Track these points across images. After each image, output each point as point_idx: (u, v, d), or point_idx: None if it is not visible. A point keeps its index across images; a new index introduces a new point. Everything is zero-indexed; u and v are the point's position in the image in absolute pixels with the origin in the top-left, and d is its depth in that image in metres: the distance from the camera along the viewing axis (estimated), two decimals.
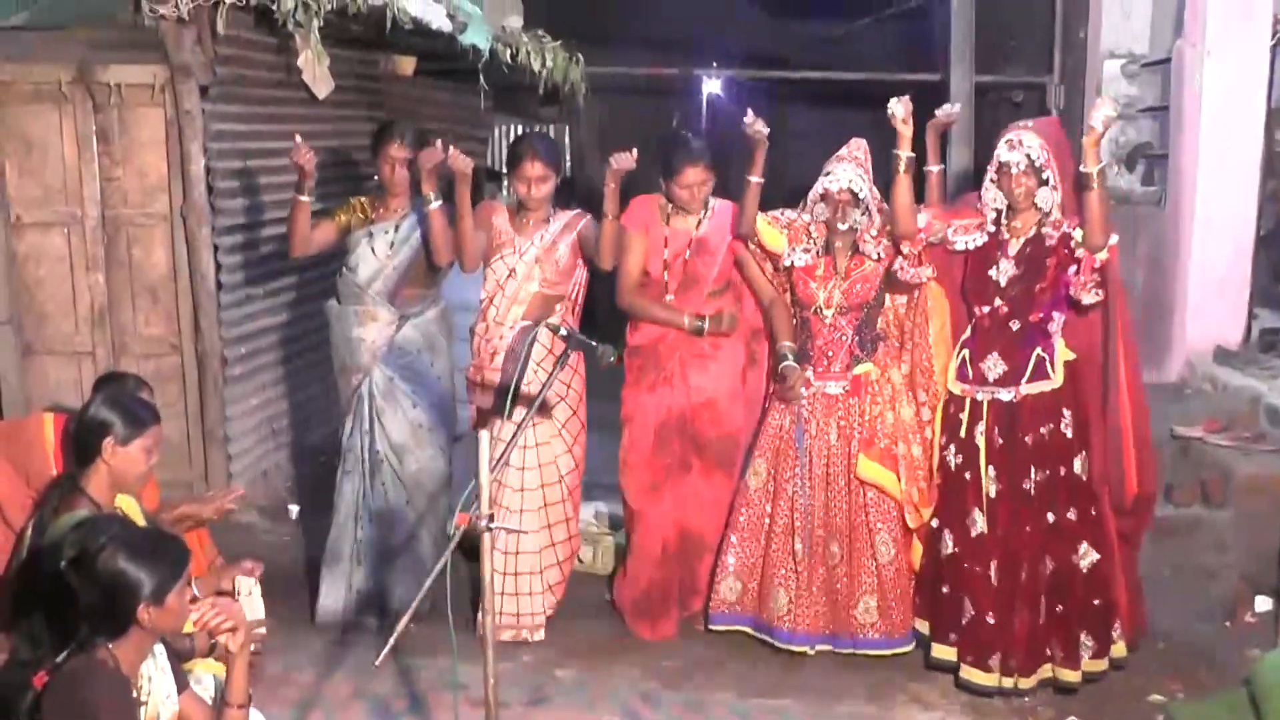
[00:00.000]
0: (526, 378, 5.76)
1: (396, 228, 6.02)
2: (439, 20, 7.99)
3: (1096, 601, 5.43)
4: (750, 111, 5.62)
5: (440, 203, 5.77)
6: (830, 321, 5.73)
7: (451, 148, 5.66)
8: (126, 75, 6.82)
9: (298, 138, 5.75)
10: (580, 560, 6.57)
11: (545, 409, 5.88)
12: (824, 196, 5.63)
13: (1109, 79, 9.59)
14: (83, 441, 4.24)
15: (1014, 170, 5.27)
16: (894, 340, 5.85)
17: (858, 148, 5.71)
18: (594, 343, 4.58)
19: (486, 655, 3.87)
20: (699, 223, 6.00)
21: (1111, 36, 9.57)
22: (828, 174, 5.62)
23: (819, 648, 5.77)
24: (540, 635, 6.02)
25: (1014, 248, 5.39)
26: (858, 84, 13.10)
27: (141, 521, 4.41)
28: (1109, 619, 5.47)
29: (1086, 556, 5.41)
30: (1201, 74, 7.77)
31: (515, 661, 5.69)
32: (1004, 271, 5.38)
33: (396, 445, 6.04)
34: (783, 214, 5.88)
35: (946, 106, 5.61)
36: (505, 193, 6.29)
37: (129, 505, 4.41)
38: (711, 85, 16.25)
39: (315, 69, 7.37)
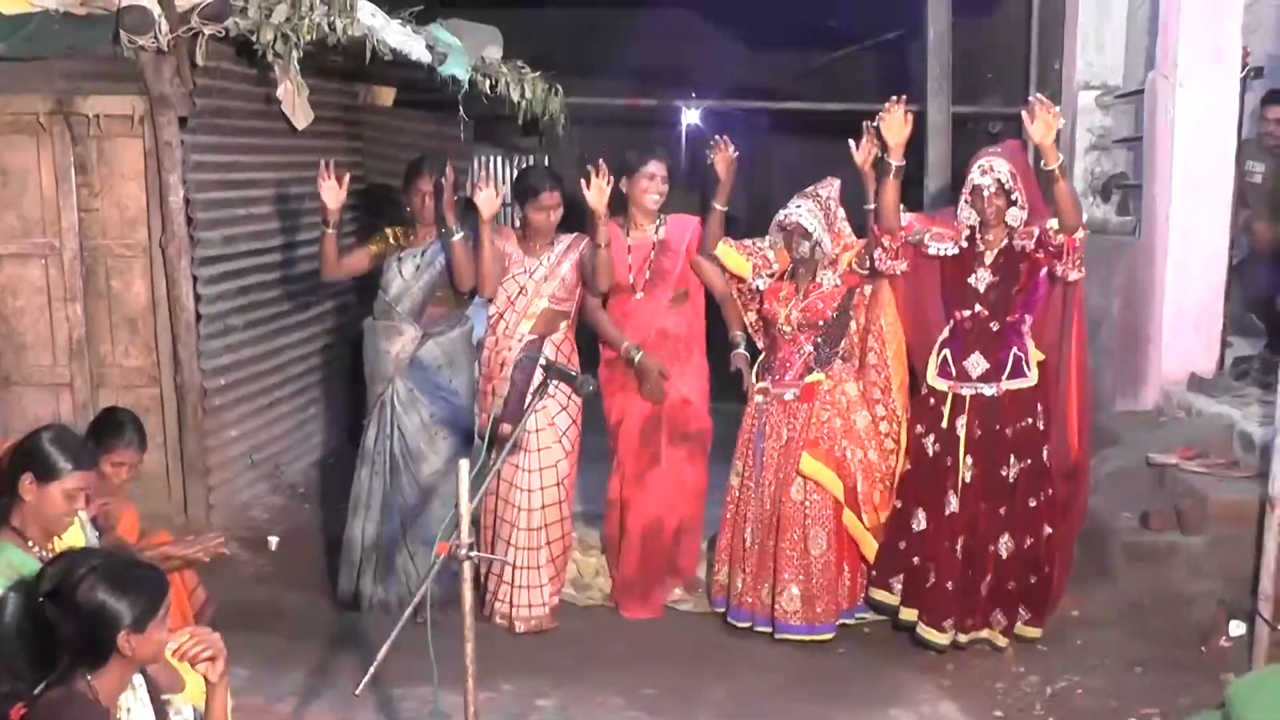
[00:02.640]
0: (533, 385, 6.26)
1: (423, 253, 6.55)
2: (419, 51, 8.02)
3: (1034, 578, 6.13)
4: (718, 137, 6.50)
5: (461, 234, 6.36)
6: (790, 336, 6.37)
7: (482, 188, 6.23)
8: (105, 106, 6.83)
9: (322, 165, 6.26)
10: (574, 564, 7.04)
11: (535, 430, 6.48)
12: (780, 226, 6.30)
13: (1083, 110, 9.67)
14: (7, 473, 4.16)
15: (986, 192, 5.90)
16: (854, 360, 6.48)
17: (825, 185, 6.39)
18: (574, 373, 4.64)
19: (467, 686, 3.87)
20: (656, 229, 6.66)
21: (1086, 68, 9.65)
22: (786, 207, 6.29)
23: (759, 628, 6.42)
24: (553, 623, 6.61)
25: (989, 258, 6.01)
26: (837, 114, 13.17)
27: (81, 541, 4.39)
28: (1047, 591, 6.20)
29: (1044, 532, 6.11)
30: (1174, 105, 7.82)
31: (496, 691, 5.67)
32: (982, 279, 6.01)
33: (413, 450, 6.55)
34: (753, 242, 6.55)
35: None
36: (514, 220, 6.75)
37: (74, 534, 4.39)
38: (691, 115, 16.29)
39: (295, 100, 7.38)
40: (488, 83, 9.18)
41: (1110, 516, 6.78)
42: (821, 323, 6.31)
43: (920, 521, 6.16)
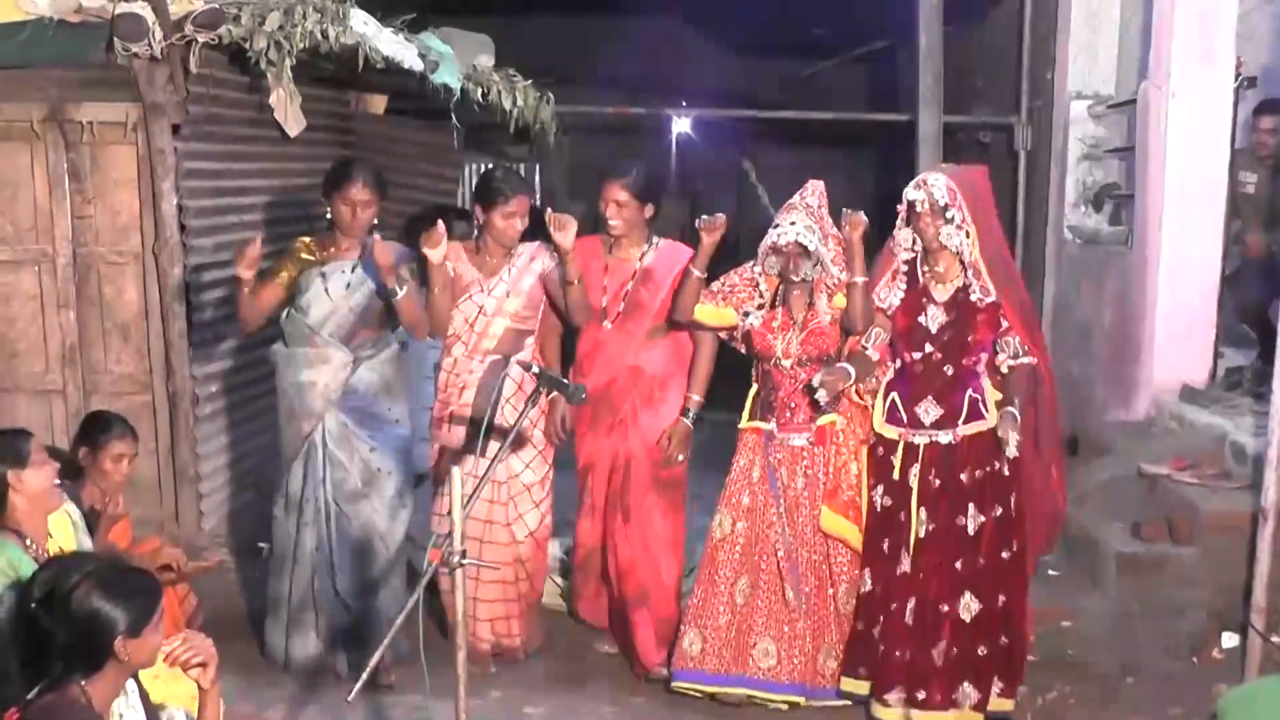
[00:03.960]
0: (499, 413, 5.73)
1: (353, 268, 5.77)
2: (410, 60, 8.02)
3: (1007, 641, 5.54)
4: (706, 218, 5.65)
5: (406, 289, 5.62)
6: (790, 372, 5.67)
7: (432, 243, 5.56)
8: (99, 113, 6.83)
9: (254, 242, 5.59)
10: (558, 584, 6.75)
11: (521, 441, 5.89)
12: (774, 249, 5.60)
13: (1075, 120, 9.67)
14: None
15: (919, 209, 5.43)
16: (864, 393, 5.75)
17: (811, 193, 5.72)
18: (565, 380, 4.59)
19: (459, 693, 3.87)
20: (643, 255, 6.03)
21: (1078, 78, 9.66)
22: (777, 226, 5.58)
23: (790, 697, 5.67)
24: (520, 656, 6.19)
25: (941, 294, 5.54)
26: (827, 123, 13.18)
27: (73, 542, 4.44)
28: (1020, 657, 5.63)
29: (1006, 594, 5.53)
30: (1166, 115, 7.83)
31: (485, 698, 5.68)
32: (934, 318, 5.53)
33: (351, 493, 5.81)
34: (732, 277, 5.83)
35: (854, 215, 5.55)
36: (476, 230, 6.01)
37: (61, 528, 4.42)
38: (681, 124, 16.31)
39: (287, 108, 7.38)
40: (479, 91, 9.18)
41: (1101, 527, 6.79)
42: (825, 356, 5.64)
43: (867, 583, 5.62)
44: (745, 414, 5.82)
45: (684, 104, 15.03)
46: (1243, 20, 7.94)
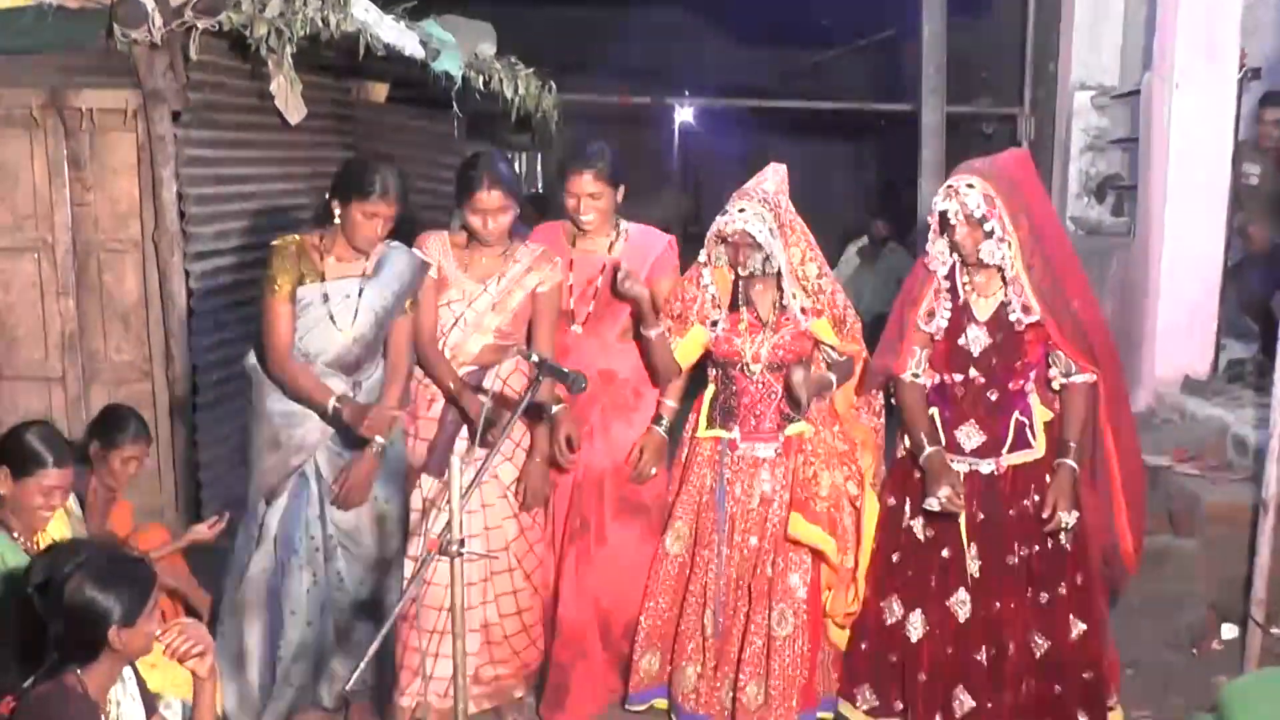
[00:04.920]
0: (464, 433, 5.19)
1: (360, 291, 4.97)
2: (412, 47, 8.00)
3: (1087, 675, 5.01)
4: (623, 268, 5.04)
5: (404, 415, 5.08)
6: (759, 377, 5.06)
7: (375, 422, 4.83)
8: (98, 100, 6.80)
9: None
10: None
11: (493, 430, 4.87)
12: (720, 238, 4.99)
13: (1079, 110, 9.69)
14: None
15: (951, 220, 4.69)
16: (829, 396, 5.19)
17: (771, 176, 5.10)
18: (565, 369, 4.49)
19: (458, 684, 3.85)
20: (610, 245, 5.34)
21: (1081, 69, 9.67)
22: (725, 212, 4.95)
23: None
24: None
25: (983, 311, 4.84)
26: (831, 113, 13.18)
27: (67, 532, 4.42)
28: (1103, 690, 5.09)
29: (1075, 628, 4.96)
30: (1170, 106, 7.82)
31: None
32: (975, 340, 4.84)
33: (351, 528, 5.13)
34: (679, 297, 5.20)
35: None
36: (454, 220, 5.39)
37: (55, 519, 4.41)
38: (684, 113, 16.30)
39: (288, 95, 7.35)
40: (481, 79, 9.16)
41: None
42: (799, 360, 5.04)
43: (916, 627, 5.01)
44: (702, 420, 5.22)
45: (687, 93, 15.03)
46: (1247, 11, 7.93)
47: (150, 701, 3.74)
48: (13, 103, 6.82)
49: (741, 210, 4.88)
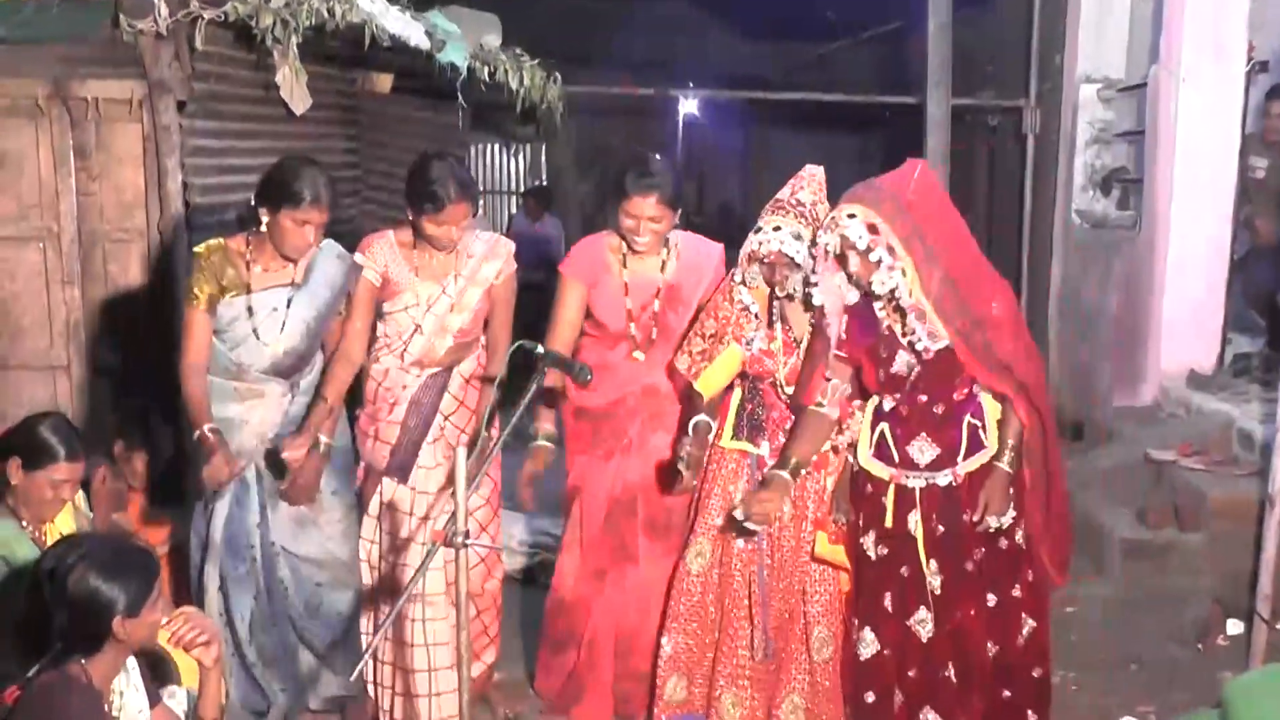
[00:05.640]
0: (433, 434, 5.05)
1: (289, 302, 4.82)
2: (417, 38, 8.00)
3: (1037, 673, 4.82)
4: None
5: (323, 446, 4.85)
6: (788, 394, 4.81)
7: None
8: (104, 90, 6.79)
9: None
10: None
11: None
12: (752, 258, 4.71)
13: (1085, 103, 9.66)
14: None
15: (840, 253, 4.41)
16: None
17: (805, 183, 4.78)
18: (571, 361, 4.45)
19: (461, 674, 3.85)
20: (663, 264, 5.08)
21: (1087, 61, 9.65)
22: (759, 230, 4.66)
23: None
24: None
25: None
26: (836, 106, 13.16)
27: (72, 525, 4.42)
28: (1049, 687, 4.92)
29: (1025, 627, 4.76)
30: (1177, 99, 7.81)
31: None
32: (905, 363, 4.52)
33: (294, 527, 5.00)
34: (712, 315, 4.88)
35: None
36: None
37: (63, 513, 4.41)
38: (689, 105, 16.30)
39: (293, 85, 7.34)
40: (486, 70, 9.16)
41: (1107, 513, 6.77)
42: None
43: (871, 644, 4.72)
44: (727, 429, 4.94)
45: (691, 85, 15.02)
46: (1255, 5, 7.90)
47: (153, 691, 3.74)
48: (18, 92, 6.82)
49: (777, 229, 4.61)
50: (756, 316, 4.80)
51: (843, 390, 4.64)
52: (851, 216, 4.34)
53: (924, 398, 4.53)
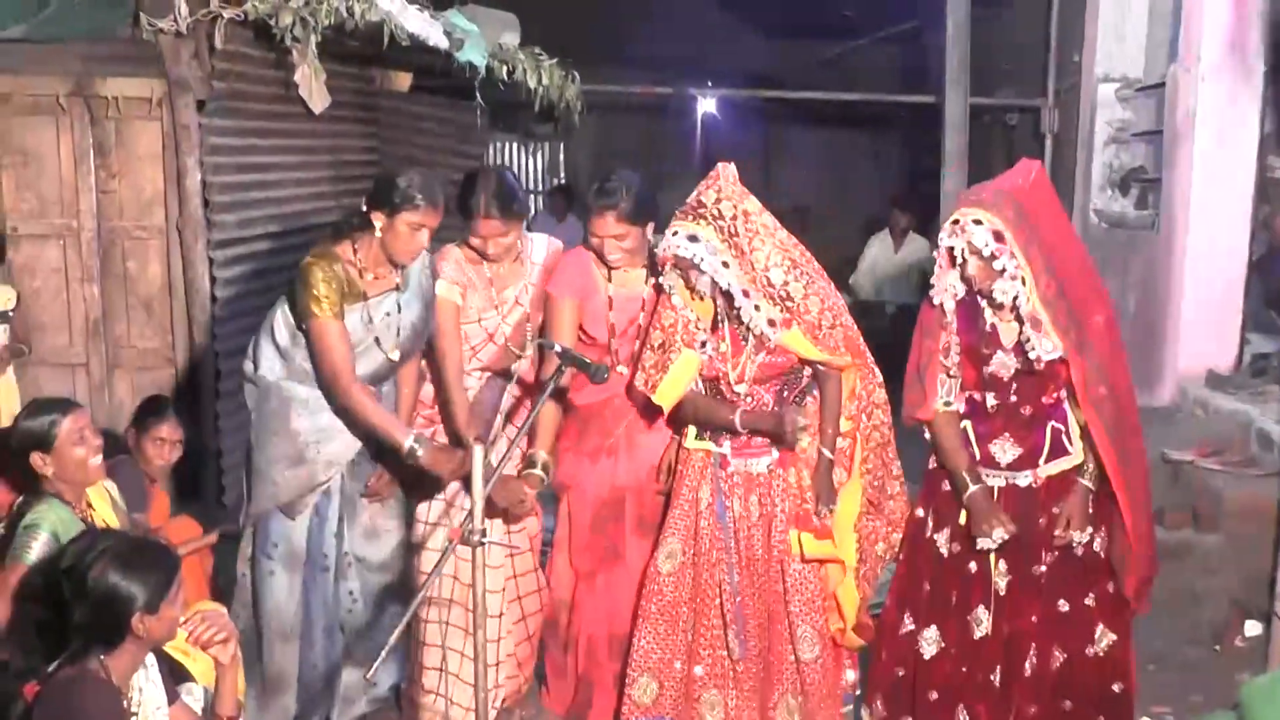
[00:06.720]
0: (493, 434, 5.02)
1: (399, 307, 4.74)
2: (436, 37, 8.01)
3: (1116, 687, 4.71)
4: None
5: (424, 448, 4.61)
6: (747, 392, 4.69)
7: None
8: (124, 89, 6.83)
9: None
10: None
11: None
12: (664, 262, 4.61)
13: (1103, 103, 9.64)
14: (17, 455, 4.30)
15: (960, 257, 4.37)
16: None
17: (709, 185, 4.59)
18: (588, 360, 4.45)
19: (477, 669, 3.86)
20: (646, 277, 4.97)
21: (1106, 60, 9.63)
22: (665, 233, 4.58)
23: None
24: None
25: (1008, 337, 4.49)
26: (854, 105, 13.15)
27: (112, 516, 4.44)
28: (1129, 703, 4.78)
29: (1103, 639, 4.67)
30: (1195, 99, 7.79)
31: None
32: (1003, 365, 4.49)
33: (368, 539, 5.02)
34: (659, 326, 4.73)
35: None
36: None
37: (100, 500, 4.44)
38: (706, 104, 16.28)
39: (312, 84, 7.37)
40: (504, 69, 9.17)
41: None
42: (787, 371, 4.70)
43: (930, 643, 4.73)
44: (691, 430, 4.83)
45: (710, 84, 15.01)
46: (1274, 3, 7.88)
47: (171, 688, 3.75)
48: (39, 90, 6.86)
49: (675, 233, 4.50)
50: (696, 320, 4.70)
51: (956, 389, 4.63)
52: (978, 223, 4.29)
53: (1015, 399, 4.51)
